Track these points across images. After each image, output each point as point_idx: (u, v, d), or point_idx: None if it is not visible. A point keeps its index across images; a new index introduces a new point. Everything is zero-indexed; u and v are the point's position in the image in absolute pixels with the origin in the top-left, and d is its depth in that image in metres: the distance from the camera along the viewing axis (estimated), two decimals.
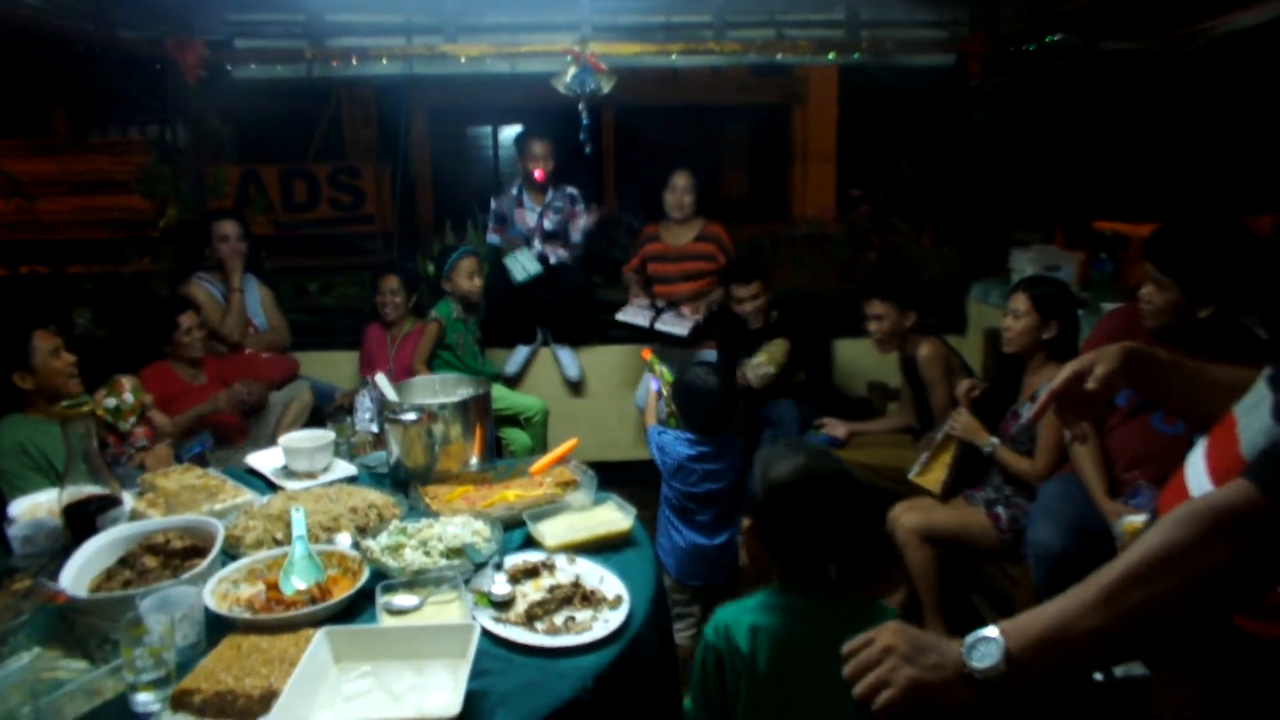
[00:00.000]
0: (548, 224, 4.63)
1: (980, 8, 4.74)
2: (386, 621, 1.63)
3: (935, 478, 3.27)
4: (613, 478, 3.69)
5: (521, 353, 4.75)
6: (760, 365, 4.00)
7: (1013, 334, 3.10)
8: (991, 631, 1.05)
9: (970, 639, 1.06)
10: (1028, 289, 3.12)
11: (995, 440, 3.09)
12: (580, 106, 4.34)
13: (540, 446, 4.30)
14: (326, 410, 4.08)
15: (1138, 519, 2.40)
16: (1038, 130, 5.62)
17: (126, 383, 3.22)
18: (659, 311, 4.37)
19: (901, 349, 3.72)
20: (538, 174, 4.56)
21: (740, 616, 1.69)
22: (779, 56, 4.66)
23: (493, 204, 4.80)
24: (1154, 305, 2.59)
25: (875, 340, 3.72)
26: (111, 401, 3.16)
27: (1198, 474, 1.32)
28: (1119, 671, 1.44)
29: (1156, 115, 5.22)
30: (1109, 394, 1.43)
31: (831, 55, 4.71)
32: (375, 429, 2.73)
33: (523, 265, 4.51)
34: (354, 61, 4.52)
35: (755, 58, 4.70)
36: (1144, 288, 2.64)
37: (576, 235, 4.68)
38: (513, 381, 4.72)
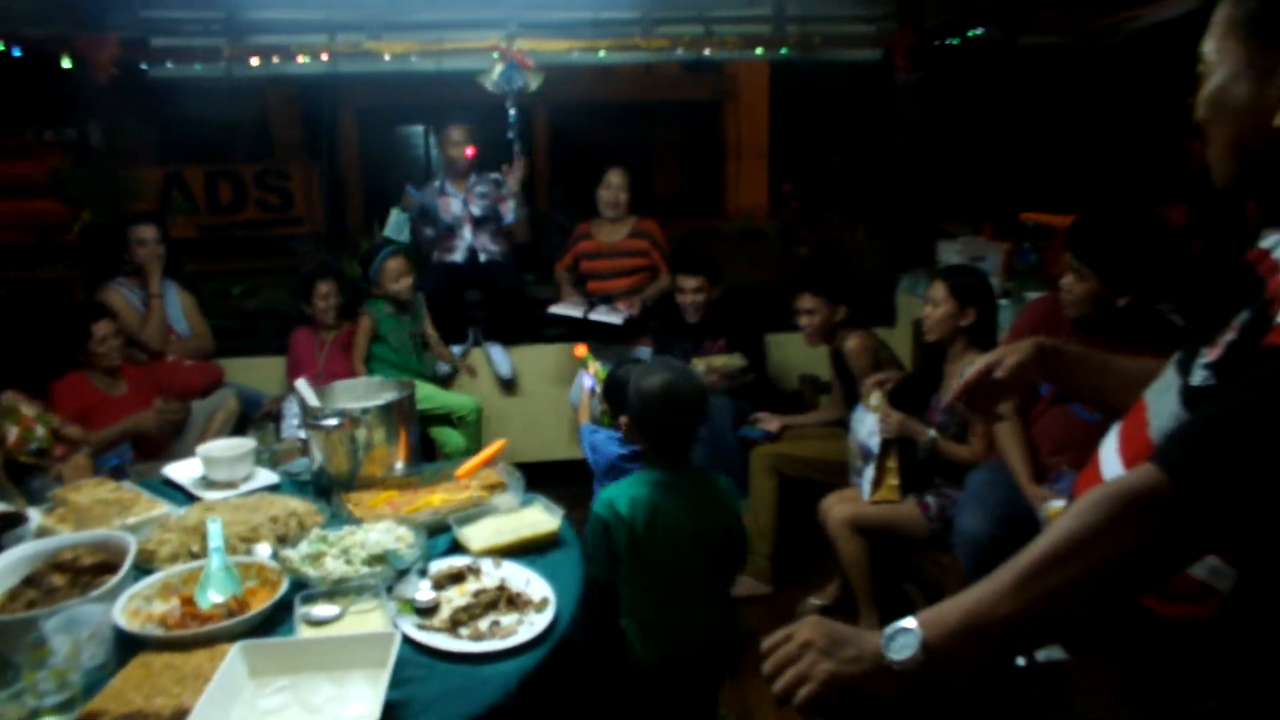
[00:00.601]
0: (475, 209, 4.57)
1: (905, 3, 4.80)
2: (305, 633, 1.59)
3: (891, 486, 3.28)
4: (548, 478, 3.67)
5: (454, 351, 4.70)
6: (717, 369, 4.04)
7: (931, 322, 3.16)
8: (909, 623, 1.05)
9: (889, 630, 1.06)
10: (945, 278, 3.18)
11: (933, 433, 3.13)
12: (508, 104, 4.31)
13: (475, 446, 4.25)
14: (253, 417, 3.99)
15: (1061, 504, 2.45)
16: (964, 124, 5.71)
17: (28, 411, 3.08)
18: (593, 304, 4.36)
19: (831, 342, 3.75)
20: (469, 152, 4.52)
21: (622, 492, 2.13)
22: (707, 52, 4.67)
23: (408, 191, 4.74)
24: (1074, 295, 2.64)
25: (806, 334, 3.75)
26: (31, 446, 3.03)
27: (1110, 459, 1.34)
28: (1040, 655, 1.46)
29: (1077, 108, 5.35)
30: (1022, 385, 1.46)
31: (759, 51, 4.74)
32: (304, 436, 2.67)
33: (398, 224, 4.49)
34: (275, 60, 4.42)
35: (683, 54, 4.71)
36: (1064, 278, 2.69)
37: (509, 216, 4.61)
38: (446, 381, 4.67)
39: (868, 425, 3.30)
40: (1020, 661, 1.54)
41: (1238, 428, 0.99)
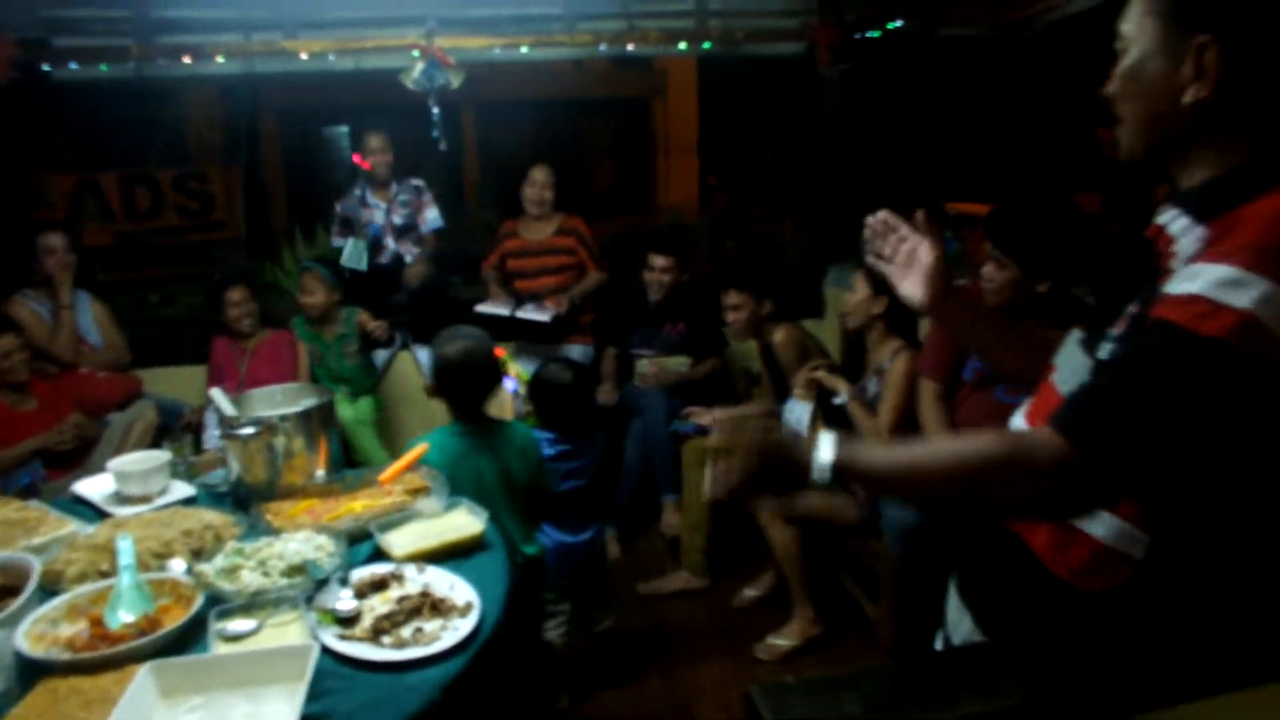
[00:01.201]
0: (397, 219, 4.52)
1: None
2: (220, 649, 1.55)
3: None
4: None
5: (380, 356, 4.63)
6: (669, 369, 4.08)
7: (848, 309, 3.22)
8: (826, 456, 1.16)
9: (819, 464, 1.16)
10: (863, 267, 3.24)
11: (850, 391, 3.16)
12: (430, 103, 4.25)
13: (378, 446, 4.27)
14: (174, 429, 3.89)
15: None
16: (888, 116, 5.79)
17: None
18: (520, 302, 4.33)
19: (760, 336, 3.78)
20: (383, 161, 4.48)
21: (432, 440, 2.41)
22: (630, 48, 4.66)
23: (337, 208, 4.67)
24: (995, 283, 2.68)
25: (733, 329, 3.78)
26: None
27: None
28: (956, 640, 1.48)
29: (996, 99, 5.45)
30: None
31: (683, 45, 4.75)
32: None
33: (355, 255, 4.43)
34: (187, 60, 4.30)
35: (607, 49, 4.69)
36: (985, 266, 2.74)
37: (425, 227, 4.58)
38: (374, 386, 4.60)
39: (797, 414, 3.33)
40: (938, 645, 1.57)
41: (1129, 400, 1.03)
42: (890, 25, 4.75)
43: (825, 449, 1.16)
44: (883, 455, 1.18)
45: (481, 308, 4.40)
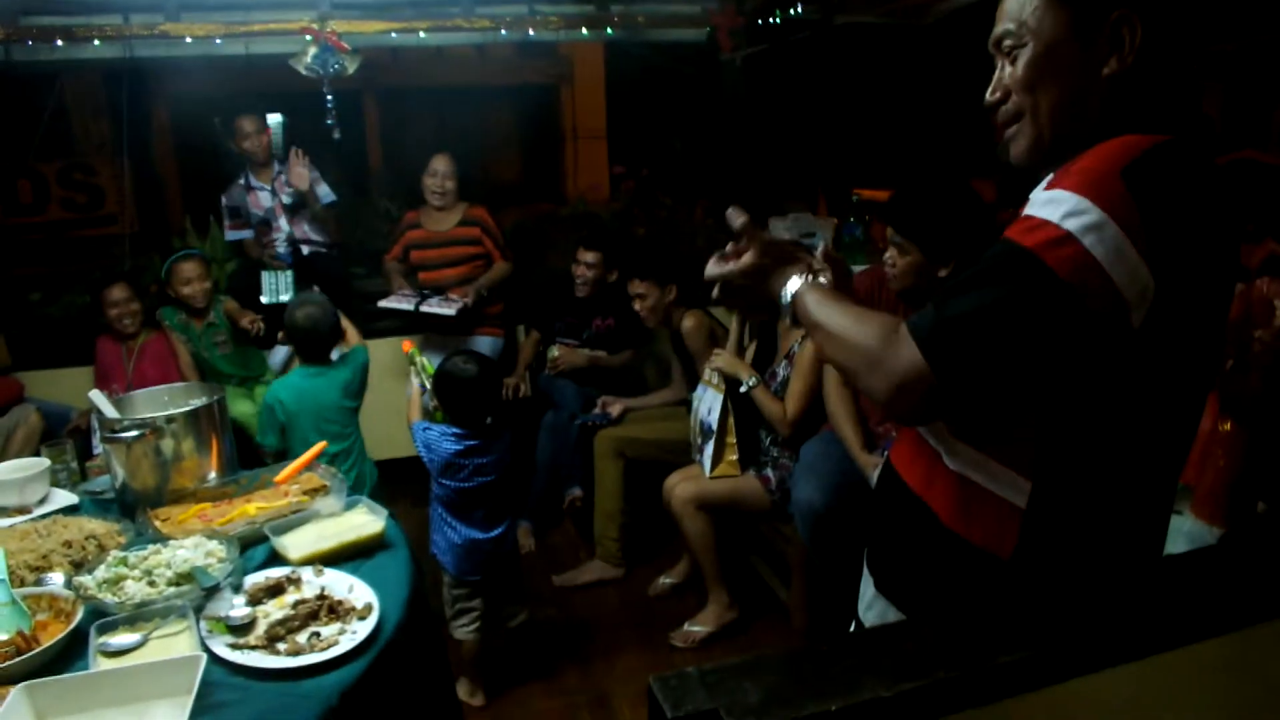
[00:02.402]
0: (285, 198, 4.38)
1: None
2: (102, 665, 1.47)
3: (730, 461, 3.32)
4: (392, 476, 3.58)
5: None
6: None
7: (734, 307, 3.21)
8: (791, 292, 1.32)
9: (784, 295, 1.33)
10: None
11: (755, 378, 3.19)
12: (325, 90, 4.12)
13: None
14: (60, 433, 3.71)
15: None
16: (789, 102, 5.83)
17: None
18: (424, 296, 4.24)
19: (668, 323, 3.77)
20: (260, 144, 4.39)
21: (284, 381, 3.10)
22: (531, 33, 4.59)
23: (224, 200, 4.52)
24: (898, 268, 2.71)
25: (643, 318, 3.77)
26: None
27: None
28: (862, 607, 1.49)
29: (896, 86, 5.53)
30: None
31: (584, 31, 4.70)
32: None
33: (275, 288, 4.31)
34: (59, 42, 4.07)
35: (507, 34, 4.61)
36: (887, 252, 2.77)
37: (322, 202, 4.42)
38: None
39: (707, 403, 3.34)
40: (851, 627, 1.58)
41: (973, 316, 1.07)
42: (791, 12, 4.76)
43: (793, 285, 1.32)
44: (817, 306, 1.28)
45: (385, 303, 4.30)
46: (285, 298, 4.32)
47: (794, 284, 1.32)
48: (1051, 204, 1.07)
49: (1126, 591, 1.11)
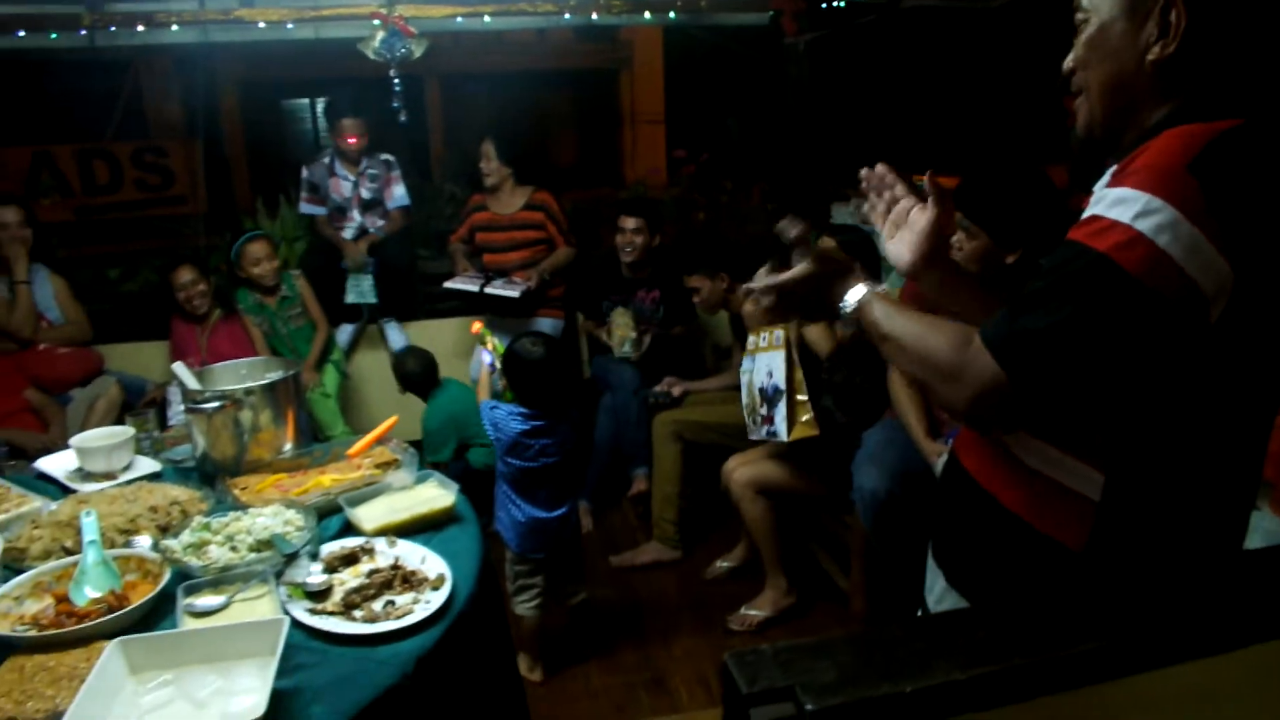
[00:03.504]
0: (365, 193, 4.47)
1: None
2: (189, 624, 1.53)
3: (808, 421, 3.29)
4: None
5: (347, 330, 4.59)
6: (622, 340, 4.11)
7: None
8: (855, 298, 1.33)
9: (846, 304, 1.34)
10: (831, 235, 3.24)
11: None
12: (392, 73, 4.18)
13: (340, 420, 4.29)
14: (137, 405, 3.83)
15: None
16: (854, 86, 5.77)
17: None
18: (489, 278, 4.29)
19: (728, 308, 3.78)
20: (350, 139, 4.43)
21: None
22: (594, 17, 4.60)
23: (304, 172, 4.61)
24: (965, 252, 2.69)
25: (700, 309, 3.81)
26: None
27: None
28: (932, 600, 1.50)
29: (963, 70, 5.45)
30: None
31: (647, 15, 4.69)
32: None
33: (360, 289, 4.42)
34: (140, 28, 4.18)
35: (571, 18, 4.63)
36: (954, 236, 2.74)
37: (391, 203, 4.55)
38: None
39: (764, 367, 3.29)
40: (919, 612, 1.58)
41: (1048, 324, 1.07)
42: None
43: (856, 293, 1.33)
44: (886, 317, 1.28)
45: (451, 283, 4.36)
46: (368, 299, 4.46)
47: (857, 292, 1.33)
48: (1121, 204, 1.06)
49: (1203, 586, 1.10)
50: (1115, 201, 1.07)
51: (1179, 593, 1.07)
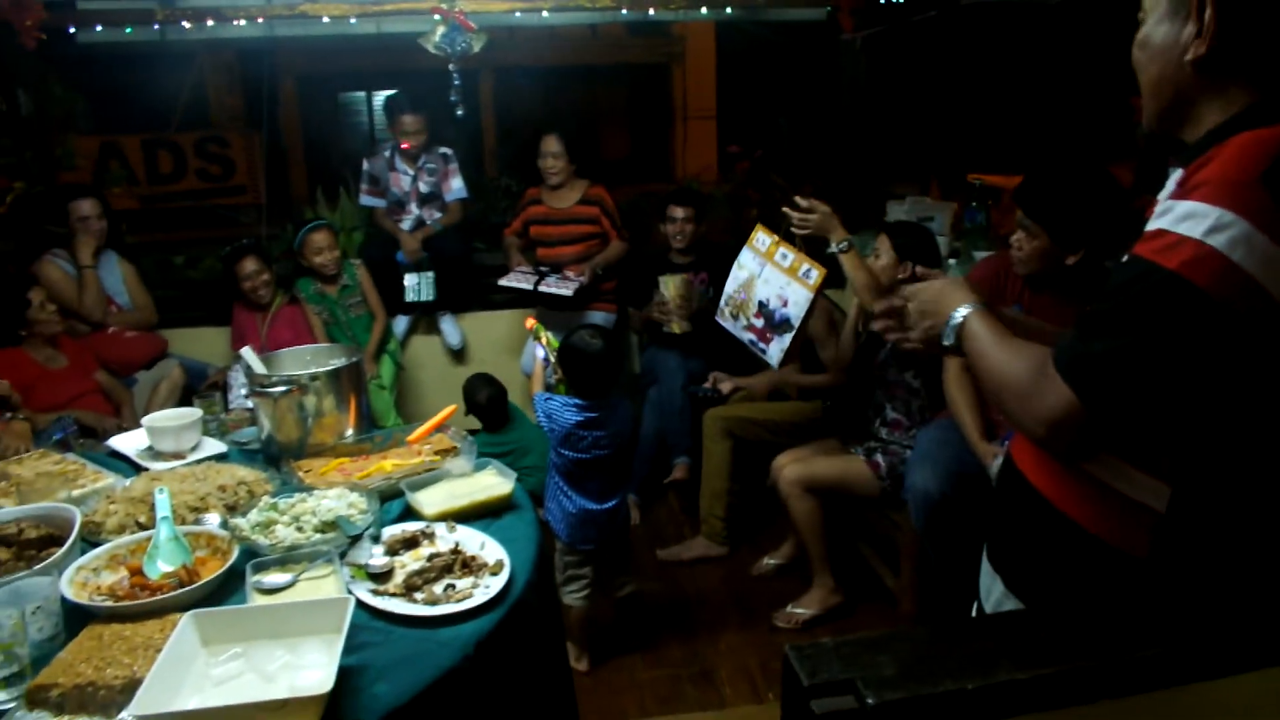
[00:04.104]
0: (423, 186, 4.54)
1: None
2: (257, 600, 1.58)
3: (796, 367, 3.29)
4: None
5: (403, 321, 4.66)
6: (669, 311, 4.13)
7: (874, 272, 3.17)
8: (960, 315, 1.31)
9: (949, 325, 1.32)
10: (888, 232, 3.22)
11: (847, 240, 3.12)
12: (451, 67, 4.23)
13: (392, 411, 4.37)
14: (199, 388, 3.93)
15: None
16: (910, 83, 5.73)
17: None
18: (542, 275, 4.33)
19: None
20: (404, 145, 4.50)
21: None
22: (651, 12, 4.61)
23: (365, 165, 4.68)
24: (1024, 252, 2.66)
25: None
26: None
27: None
28: (989, 606, 1.49)
29: (1022, 67, 5.38)
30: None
31: (704, 10, 4.70)
32: (250, 405, 2.63)
33: (418, 288, 4.50)
34: (209, 23, 4.29)
35: (628, 13, 4.65)
36: (1014, 235, 2.72)
37: (448, 195, 4.61)
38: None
39: (777, 286, 3.25)
40: (973, 611, 1.58)
41: (1116, 345, 1.08)
42: None
43: (961, 311, 1.31)
44: (974, 338, 1.28)
45: (505, 281, 4.41)
46: (427, 297, 4.52)
47: (962, 311, 1.32)
48: (1191, 219, 1.05)
49: (1268, 596, 1.09)
50: (1185, 216, 1.06)
51: (1244, 602, 1.06)
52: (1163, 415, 1.11)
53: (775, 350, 3.26)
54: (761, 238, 3.35)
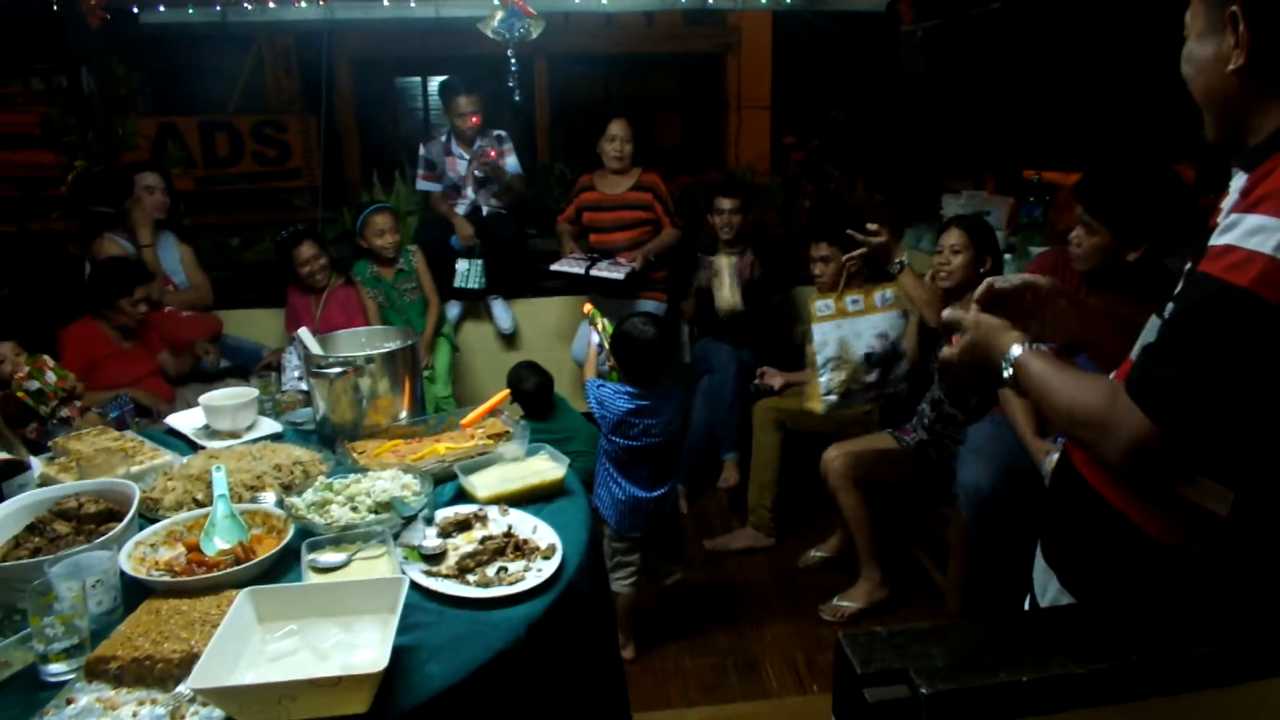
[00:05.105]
0: (478, 171, 4.54)
1: None
2: (312, 579, 1.58)
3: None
4: None
5: (455, 307, 4.68)
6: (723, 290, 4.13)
7: (952, 268, 3.11)
8: (1013, 356, 1.31)
9: (1006, 362, 1.32)
10: (960, 224, 3.15)
11: (902, 260, 3.19)
12: (509, 53, 4.23)
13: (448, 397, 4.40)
14: (254, 369, 3.98)
15: None
16: (970, 76, 5.62)
17: (49, 362, 3.05)
18: (594, 260, 4.33)
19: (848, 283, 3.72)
20: (471, 123, 4.49)
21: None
22: (710, 1, 4.57)
23: (421, 150, 4.70)
24: (1084, 248, 2.62)
25: (819, 283, 3.72)
26: (33, 384, 2.97)
27: None
28: (1044, 601, 1.47)
29: (1083, 61, 5.25)
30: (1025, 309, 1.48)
31: (762, 0, 4.65)
32: (305, 387, 2.65)
33: (468, 274, 4.52)
34: (270, 5, 4.32)
35: (686, 2, 4.61)
36: (1074, 231, 2.67)
37: (512, 163, 4.59)
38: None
39: (868, 330, 3.34)
40: (1026, 605, 1.55)
41: (1189, 366, 1.06)
42: None
43: (1014, 351, 1.31)
44: (1038, 376, 1.27)
45: (557, 266, 4.40)
46: (475, 284, 4.54)
47: (1015, 351, 1.32)
48: (1260, 233, 1.03)
49: None
50: (1253, 230, 1.04)
51: None
52: (1238, 431, 1.10)
53: (903, 385, 3.29)
54: (820, 305, 3.36)
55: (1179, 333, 1.08)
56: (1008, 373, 1.32)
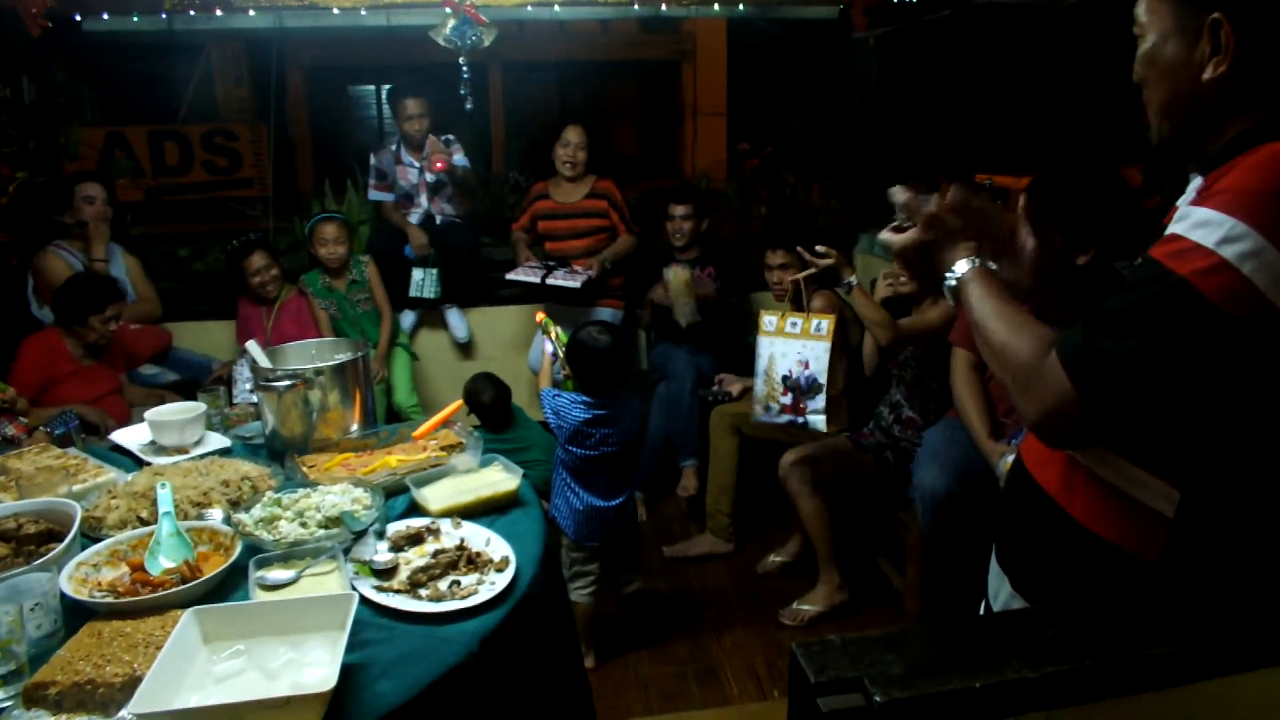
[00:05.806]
0: (430, 177, 4.50)
1: None
2: (260, 597, 1.56)
3: (842, 415, 3.32)
4: None
5: (409, 316, 4.64)
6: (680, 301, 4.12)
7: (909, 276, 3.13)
8: (958, 274, 1.32)
9: (948, 279, 1.33)
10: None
11: (854, 276, 3.22)
12: (461, 61, 4.20)
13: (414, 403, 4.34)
14: (204, 382, 3.91)
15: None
16: (922, 82, 5.68)
17: None
18: (550, 268, 4.31)
19: (796, 302, 3.74)
20: (418, 127, 4.44)
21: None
22: (664, 8, 4.58)
23: (372, 159, 4.65)
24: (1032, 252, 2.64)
25: (775, 291, 3.72)
26: None
27: None
28: (997, 606, 1.48)
29: (1033, 68, 5.34)
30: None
31: (716, 7, 4.67)
32: (256, 399, 2.61)
33: (422, 284, 4.50)
34: (218, 12, 4.26)
35: (640, 9, 4.61)
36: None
37: (459, 159, 4.51)
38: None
39: (794, 354, 3.34)
40: (981, 610, 1.56)
41: (1122, 343, 1.06)
42: None
43: (959, 268, 1.31)
44: (979, 302, 1.27)
45: (513, 275, 4.38)
46: (430, 294, 4.51)
47: (960, 267, 1.32)
48: (1204, 227, 1.04)
49: (1277, 596, 1.08)
50: (1199, 223, 1.05)
51: (1253, 601, 1.06)
52: (1166, 419, 1.11)
53: (815, 417, 3.34)
54: (767, 320, 3.43)
55: (1118, 309, 1.08)
56: (950, 283, 1.32)
